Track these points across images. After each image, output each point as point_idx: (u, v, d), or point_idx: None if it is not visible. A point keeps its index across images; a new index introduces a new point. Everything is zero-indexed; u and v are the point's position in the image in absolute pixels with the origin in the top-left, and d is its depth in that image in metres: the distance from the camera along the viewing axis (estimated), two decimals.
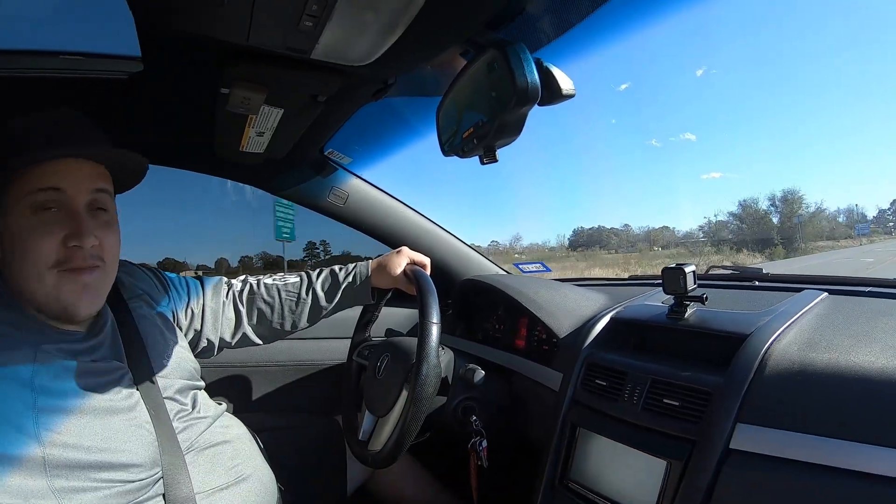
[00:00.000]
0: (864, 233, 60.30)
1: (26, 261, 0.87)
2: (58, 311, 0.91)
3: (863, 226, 65.89)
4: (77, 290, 0.91)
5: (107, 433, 0.89)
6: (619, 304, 1.41)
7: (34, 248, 0.87)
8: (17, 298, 0.91)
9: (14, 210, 0.88)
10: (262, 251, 5.00)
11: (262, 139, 1.41)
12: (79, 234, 0.89)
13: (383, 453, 1.16)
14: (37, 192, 0.87)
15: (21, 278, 0.89)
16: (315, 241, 5.02)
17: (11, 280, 0.90)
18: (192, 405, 1.10)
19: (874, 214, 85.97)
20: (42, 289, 0.88)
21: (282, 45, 0.95)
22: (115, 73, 1.23)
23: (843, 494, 0.76)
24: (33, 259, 0.87)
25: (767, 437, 0.85)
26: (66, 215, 0.90)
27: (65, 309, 0.91)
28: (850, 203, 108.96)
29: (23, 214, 0.87)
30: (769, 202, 63.60)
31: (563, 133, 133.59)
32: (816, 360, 0.90)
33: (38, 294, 0.89)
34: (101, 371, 0.94)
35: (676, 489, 0.94)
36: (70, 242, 0.89)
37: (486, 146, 0.88)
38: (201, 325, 1.28)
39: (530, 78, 0.77)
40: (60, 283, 0.89)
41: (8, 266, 0.90)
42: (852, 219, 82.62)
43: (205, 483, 1.02)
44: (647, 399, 1.06)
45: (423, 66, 1.10)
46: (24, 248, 0.87)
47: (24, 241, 0.87)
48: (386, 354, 1.33)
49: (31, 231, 0.87)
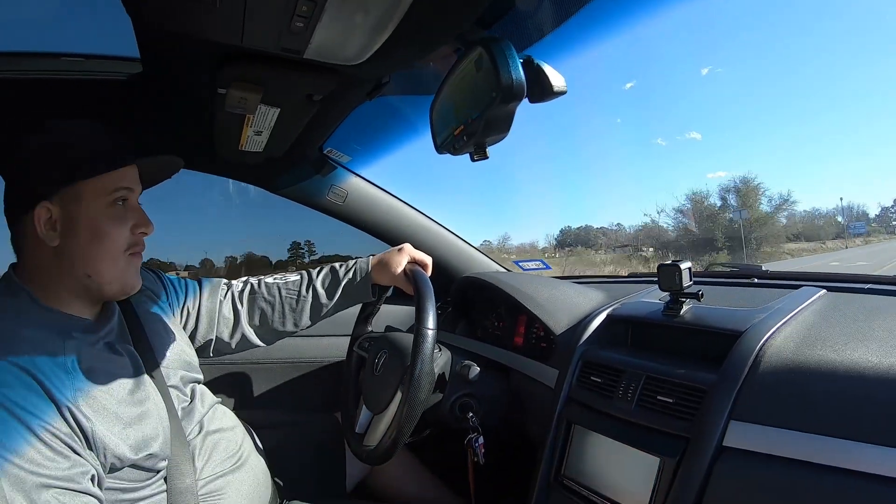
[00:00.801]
0: (858, 232, 53.51)
1: (104, 245, 0.98)
2: (115, 290, 1.02)
3: (857, 224, 57.96)
4: (135, 271, 1.06)
5: (137, 417, 0.95)
6: (616, 301, 1.41)
7: (114, 234, 0.99)
8: (36, 290, 0.96)
9: (89, 202, 0.97)
10: (247, 251, 4.96)
11: (261, 138, 1.42)
12: (146, 224, 1.05)
13: (378, 451, 1.17)
14: (119, 189, 1.00)
15: (91, 261, 0.98)
16: (300, 242, 4.95)
17: (70, 264, 0.97)
18: (192, 396, 1.14)
19: (877, 213, 78.55)
20: (114, 269, 1.00)
21: (275, 45, 0.95)
22: (115, 74, 1.24)
23: (837, 493, 0.75)
24: (111, 244, 0.99)
25: (761, 435, 0.85)
26: (131, 208, 1.04)
27: (126, 286, 1.03)
28: (851, 201, 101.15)
29: (100, 206, 0.98)
30: (720, 195, 46.66)
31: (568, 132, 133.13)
32: (811, 358, 0.90)
33: (107, 273, 0.99)
34: (121, 356, 1.01)
35: (669, 487, 0.94)
36: (138, 230, 1.04)
37: (476, 143, 0.88)
38: (196, 324, 1.31)
39: (515, 75, 0.77)
40: (128, 265, 1.03)
41: (73, 251, 0.97)
42: (852, 217, 77.36)
43: (202, 471, 1.06)
44: (641, 396, 1.07)
45: (418, 65, 1.11)
46: (103, 234, 0.98)
47: (104, 229, 0.98)
48: (384, 351, 1.34)
49: (111, 220, 0.99)
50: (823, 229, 56.57)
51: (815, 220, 56.83)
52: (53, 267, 0.96)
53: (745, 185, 43.99)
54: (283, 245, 14.85)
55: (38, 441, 0.78)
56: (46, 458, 0.78)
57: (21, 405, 0.79)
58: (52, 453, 0.79)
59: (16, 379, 0.81)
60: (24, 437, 0.77)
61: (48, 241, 0.95)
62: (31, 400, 0.81)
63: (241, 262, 8.67)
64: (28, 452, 0.77)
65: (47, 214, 0.94)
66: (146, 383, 1.01)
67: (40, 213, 0.94)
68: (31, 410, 0.80)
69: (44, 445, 0.79)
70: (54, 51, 1.25)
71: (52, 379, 0.84)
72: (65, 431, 0.82)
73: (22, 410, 0.79)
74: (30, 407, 0.80)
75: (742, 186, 43.95)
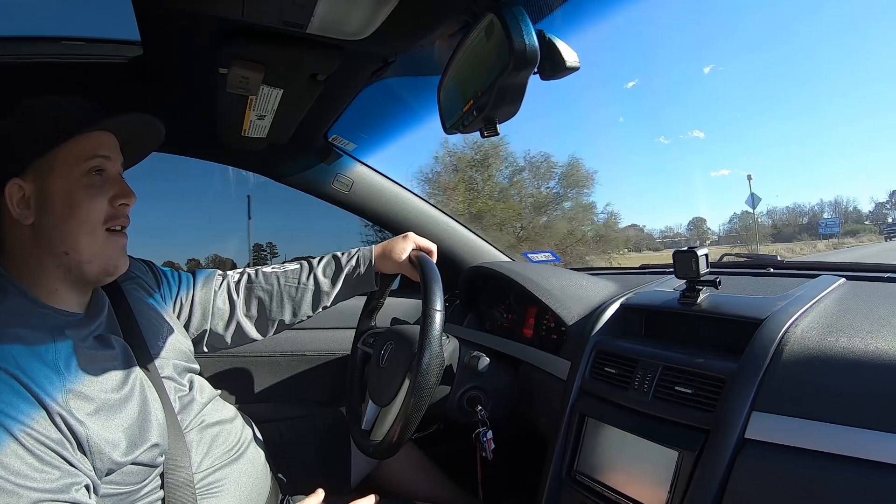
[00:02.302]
0: (831, 232, 45.28)
1: (78, 217, 0.93)
2: (97, 271, 0.96)
3: (829, 222, 50.10)
4: (119, 250, 1.00)
5: (131, 412, 0.91)
6: (629, 290, 1.38)
7: (89, 206, 0.93)
8: (23, 279, 0.92)
9: (63, 174, 0.92)
10: (213, 254, 4.80)
11: (264, 123, 1.39)
12: (127, 194, 0.99)
13: (384, 444, 1.14)
14: (92, 157, 0.94)
15: (68, 237, 0.92)
16: (262, 244, 4.76)
17: (47, 243, 0.92)
18: (189, 386, 1.11)
19: (870, 209, 73.02)
20: (92, 245, 0.94)
21: (277, 19, 0.93)
22: (116, 57, 1.22)
23: (865, 485, 0.72)
24: (86, 215, 0.93)
25: (784, 426, 0.82)
26: (110, 180, 0.98)
27: (108, 266, 0.98)
28: (839, 195, 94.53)
29: (74, 176, 0.93)
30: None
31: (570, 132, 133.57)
32: (835, 346, 0.86)
33: (85, 248, 0.94)
34: (112, 348, 0.97)
35: (688, 481, 0.90)
36: (118, 202, 0.97)
37: (486, 118, 0.85)
38: (190, 315, 1.28)
39: (528, 40, 0.74)
40: (108, 242, 0.97)
41: (49, 228, 0.92)
42: (843, 214, 71.40)
43: (201, 464, 1.04)
44: (657, 387, 1.03)
45: (423, 44, 1.07)
46: (77, 206, 0.92)
47: (78, 200, 0.93)
48: (389, 342, 1.31)
49: (87, 190, 0.93)
50: (783, 231, 52.44)
51: (800, 219, 54.73)
52: (33, 248, 0.92)
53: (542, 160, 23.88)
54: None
55: (25, 451, 0.74)
56: (34, 468, 0.74)
57: (6, 412, 0.75)
58: (41, 464, 0.75)
59: (3, 384, 0.77)
60: (9, 447, 0.73)
61: (23, 219, 0.91)
62: (18, 405, 0.76)
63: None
64: (14, 464, 0.73)
65: (20, 192, 0.91)
66: (138, 376, 0.97)
67: (11, 190, 0.90)
68: (17, 417, 0.75)
69: (31, 456, 0.75)
70: (54, 35, 1.23)
71: (42, 381, 0.80)
72: (54, 438, 0.78)
73: (7, 418, 0.74)
74: (16, 413, 0.75)
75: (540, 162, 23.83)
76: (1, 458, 0.71)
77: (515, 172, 21.61)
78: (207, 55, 1.08)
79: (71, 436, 0.80)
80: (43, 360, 0.82)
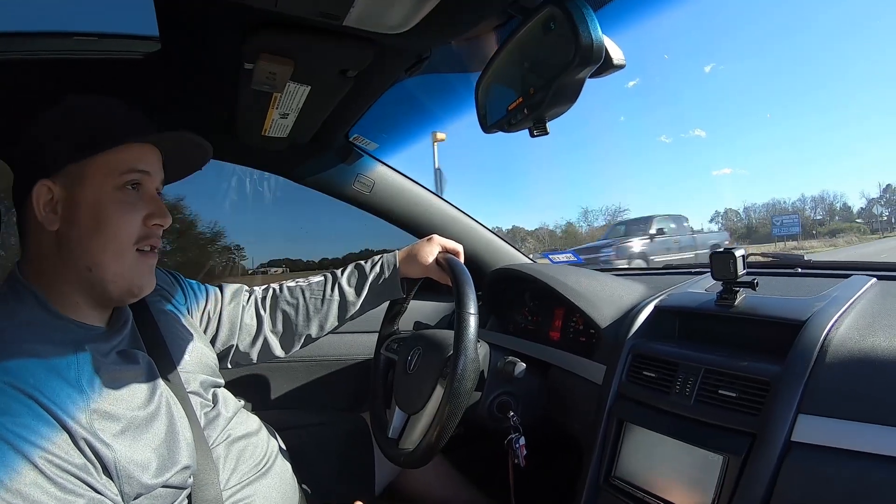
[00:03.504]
0: (788, 233, 35.90)
1: (105, 234, 0.88)
2: (120, 291, 0.91)
3: (787, 220, 39.42)
4: (147, 270, 0.94)
5: (159, 430, 0.87)
6: (661, 292, 1.37)
7: (119, 223, 0.88)
8: (43, 288, 0.87)
9: (96, 182, 0.87)
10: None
11: (286, 122, 1.37)
12: (162, 214, 0.93)
13: (417, 453, 1.11)
14: (130, 171, 0.90)
15: (94, 251, 0.88)
16: (230, 246, 4.64)
17: (69, 254, 0.87)
18: (214, 401, 1.08)
19: (862, 206, 67.70)
20: (118, 264, 0.89)
21: (313, 9, 0.89)
22: (131, 53, 1.19)
23: None
24: (114, 233, 0.88)
25: (832, 428, 0.82)
26: (145, 197, 0.93)
27: (131, 288, 0.92)
28: (825, 189, 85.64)
29: (107, 188, 0.88)
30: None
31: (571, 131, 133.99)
32: (879, 346, 0.86)
33: (111, 268, 0.89)
34: (136, 364, 0.92)
35: (735, 486, 0.89)
36: (152, 221, 0.92)
37: (537, 117, 0.83)
38: (217, 330, 1.26)
39: (595, 35, 0.71)
40: (137, 263, 0.92)
41: (74, 238, 0.87)
42: (828, 210, 68.05)
43: (230, 480, 1.01)
44: (700, 390, 1.02)
45: (462, 39, 1.05)
46: (106, 221, 0.87)
47: (107, 215, 0.87)
48: (417, 348, 1.29)
49: (119, 205, 0.88)
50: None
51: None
52: (55, 256, 0.87)
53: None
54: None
55: (46, 479, 0.69)
56: (56, 499, 0.69)
57: (24, 436, 0.70)
58: (63, 493, 0.70)
59: (19, 405, 0.72)
60: (29, 477, 0.68)
61: (48, 224, 0.86)
62: (38, 429, 0.71)
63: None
64: (34, 494, 0.68)
65: (48, 194, 0.86)
66: (164, 392, 0.93)
67: (40, 191, 0.85)
68: (37, 443, 0.70)
69: (53, 485, 0.70)
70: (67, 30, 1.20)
71: (63, 401, 0.75)
72: (78, 463, 0.73)
73: (25, 443, 0.69)
74: (36, 438, 0.70)
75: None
76: (20, 489, 0.67)
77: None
78: (232, 49, 1.05)
79: (96, 459, 0.76)
80: (64, 377, 0.78)
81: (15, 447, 0.68)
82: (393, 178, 1.88)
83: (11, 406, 0.71)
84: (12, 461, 0.67)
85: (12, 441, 0.68)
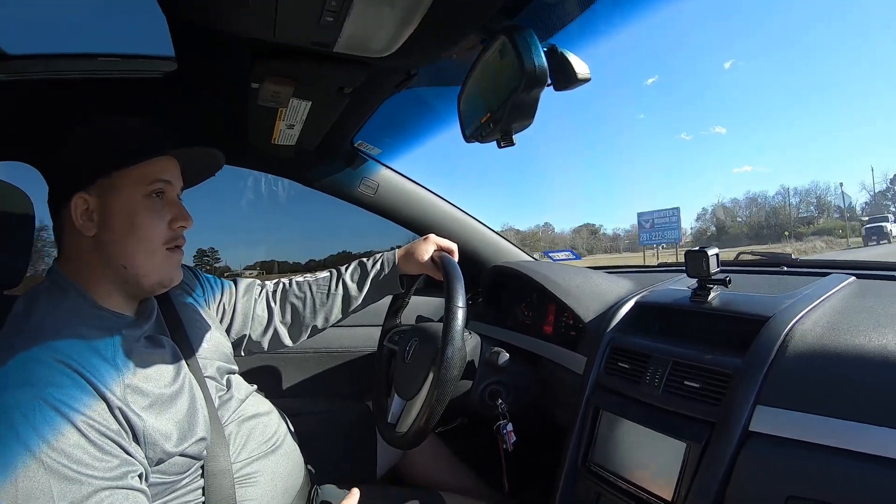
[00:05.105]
0: (665, 240, 27.79)
1: (138, 236, 0.98)
2: (152, 284, 1.02)
3: (661, 221, 28.83)
4: (175, 265, 1.05)
5: (182, 406, 0.97)
6: (644, 288, 1.42)
7: (149, 227, 0.99)
8: (80, 283, 0.98)
9: (125, 194, 0.98)
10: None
11: (293, 132, 1.46)
12: (185, 218, 1.04)
13: (410, 434, 1.19)
14: (154, 181, 1.00)
15: (127, 253, 0.98)
16: (205, 249, 4.68)
17: (105, 255, 0.98)
18: (228, 385, 1.16)
19: (866, 199, 62.95)
20: (150, 261, 1.00)
21: (306, 39, 0.99)
22: (151, 72, 1.29)
23: (864, 478, 0.75)
24: (146, 235, 0.99)
25: (787, 420, 0.85)
26: (170, 202, 1.03)
27: (164, 280, 1.03)
28: (813, 181, 74.40)
29: (137, 197, 0.98)
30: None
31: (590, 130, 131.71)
32: (839, 342, 0.89)
33: (144, 266, 0.99)
34: (162, 347, 1.02)
35: (695, 471, 0.94)
36: (176, 224, 1.03)
37: (502, 130, 0.91)
38: (231, 320, 1.35)
39: (538, 62, 0.79)
40: (167, 259, 1.03)
41: (109, 242, 0.98)
42: (816, 204, 61.71)
43: (240, 454, 1.09)
44: (668, 381, 1.07)
45: (444, 57, 1.12)
46: (138, 226, 0.98)
47: (139, 221, 0.98)
48: (414, 339, 1.37)
49: (147, 212, 0.99)
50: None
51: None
52: (93, 258, 0.97)
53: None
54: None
55: (87, 441, 0.78)
56: (95, 458, 0.78)
57: (70, 404, 0.78)
58: (101, 453, 0.79)
59: (66, 378, 0.81)
60: (73, 438, 0.77)
61: (85, 231, 0.96)
62: (81, 398, 0.80)
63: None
64: (77, 454, 0.76)
65: (84, 205, 0.96)
66: (186, 373, 1.03)
67: (77, 202, 0.95)
68: (80, 409, 0.79)
69: (93, 446, 0.78)
70: (91, 52, 1.30)
71: (102, 376, 0.84)
72: (114, 429, 0.82)
73: (70, 409, 0.78)
74: (79, 406, 0.79)
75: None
76: (66, 449, 0.75)
77: None
78: (240, 71, 1.14)
79: (128, 427, 0.85)
80: (103, 356, 0.88)
81: (62, 413, 0.77)
82: (396, 181, 1.96)
83: (59, 379, 0.80)
84: (59, 425, 0.76)
85: (60, 408, 0.77)
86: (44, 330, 0.87)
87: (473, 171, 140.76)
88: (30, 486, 0.72)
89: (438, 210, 2.04)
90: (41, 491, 0.72)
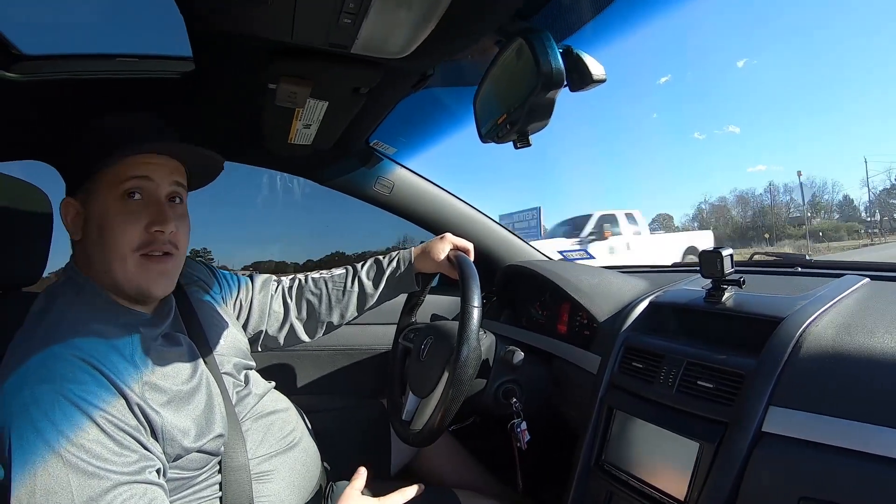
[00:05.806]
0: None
1: (110, 243, 0.94)
2: (132, 292, 0.97)
3: (520, 223, 14.95)
4: (154, 275, 0.98)
5: (199, 403, 0.98)
6: (658, 288, 1.42)
7: (120, 232, 0.93)
8: (94, 280, 0.98)
9: (101, 196, 0.94)
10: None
11: (310, 131, 1.47)
12: (162, 221, 0.96)
13: (424, 432, 1.20)
14: (128, 179, 0.94)
15: (103, 259, 0.95)
16: (198, 249, 4.64)
17: (90, 261, 0.97)
18: (245, 382, 1.17)
19: (868, 199, 55.67)
20: (123, 271, 0.95)
21: (324, 41, 1.00)
22: (169, 73, 1.30)
23: (876, 480, 0.74)
24: (117, 241, 0.93)
25: (800, 421, 0.85)
26: (150, 204, 0.97)
27: (141, 291, 0.97)
28: (811, 176, 66.32)
29: (110, 201, 0.94)
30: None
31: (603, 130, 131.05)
32: (851, 344, 0.89)
33: (117, 274, 0.95)
34: (179, 345, 1.03)
35: (708, 471, 0.94)
36: (152, 228, 0.95)
37: (519, 131, 0.91)
38: (248, 316, 1.36)
39: (554, 64, 0.80)
40: (141, 268, 0.96)
41: (89, 248, 0.97)
42: (810, 202, 56.43)
43: (257, 450, 1.09)
44: (681, 381, 1.07)
45: (460, 57, 1.13)
46: (110, 231, 0.93)
47: (111, 226, 0.93)
48: (429, 337, 1.37)
49: (119, 215, 0.94)
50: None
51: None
52: (89, 261, 0.98)
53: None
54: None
55: (106, 436, 0.79)
56: (114, 452, 0.79)
57: (89, 400, 0.79)
58: (120, 448, 0.80)
59: (85, 374, 0.81)
60: (92, 434, 0.78)
61: (73, 235, 0.98)
62: (101, 395, 0.81)
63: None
64: (96, 449, 0.77)
65: (73, 210, 0.97)
66: (203, 370, 1.04)
67: (67, 208, 0.97)
68: (99, 405, 0.80)
69: (112, 441, 0.79)
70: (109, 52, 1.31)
71: (121, 373, 0.85)
72: (132, 425, 0.83)
73: (89, 405, 0.79)
74: (98, 402, 0.80)
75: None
76: (85, 444, 0.76)
77: None
78: (258, 72, 1.15)
79: (146, 423, 0.86)
80: (121, 354, 0.89)
81: (81, 409, 0.78)
82: (412, 180, 1.97)
83: (79, 375, 0.80)
84: (79, 420, 0.77)
85: (79, 404, 0.78)
86: (63, 327, 0.87)
87: (473, 170, 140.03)
88: (49, 480, 0.73)
89: (454, 209, 2.04)
90: (60, 485, 0.73)
